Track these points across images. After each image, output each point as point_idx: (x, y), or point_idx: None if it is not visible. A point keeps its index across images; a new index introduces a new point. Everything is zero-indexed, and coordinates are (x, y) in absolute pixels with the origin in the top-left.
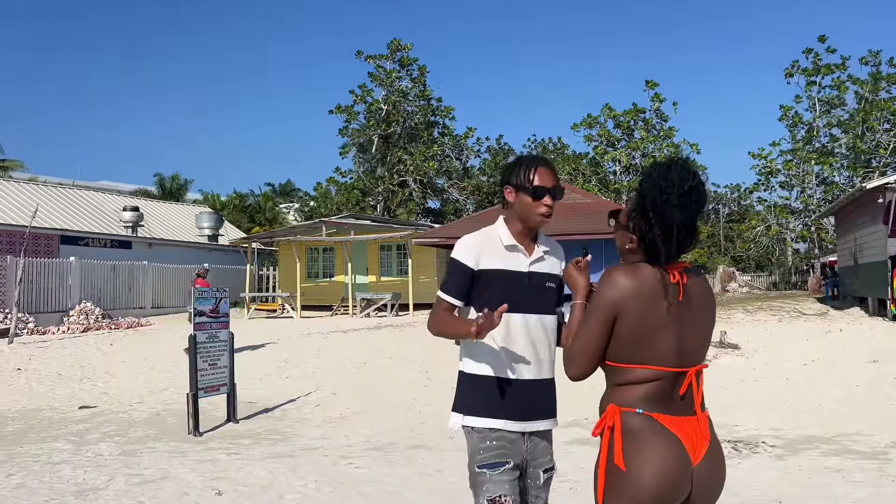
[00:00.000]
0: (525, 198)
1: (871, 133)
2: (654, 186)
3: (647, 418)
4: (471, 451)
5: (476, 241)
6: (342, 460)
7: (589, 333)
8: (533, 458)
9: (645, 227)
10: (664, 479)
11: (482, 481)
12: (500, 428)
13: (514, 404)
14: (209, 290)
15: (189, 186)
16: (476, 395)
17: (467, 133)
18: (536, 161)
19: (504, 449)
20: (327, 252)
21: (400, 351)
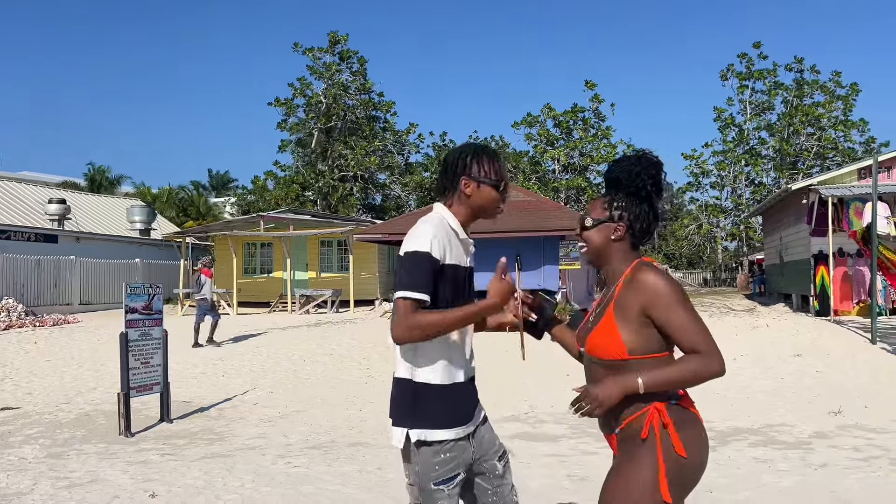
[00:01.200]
0: (489, 190)
1: (797, 136)
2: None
3: (681, 408)
4: (423, 469)
5: (440, 232)
6: (281, 459)
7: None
8: (482, 453)
9: (635, 209)
10: (706, 461)
11: (437, 498)
12: (453, 438)
13: (463, 409)
14: (142, 285)
15: (122, 181)
16: (427, 404)
17: (409, 129)
18: (495, 153)
19: (457, 460)
20: (265, 247)
21: (340, 348)
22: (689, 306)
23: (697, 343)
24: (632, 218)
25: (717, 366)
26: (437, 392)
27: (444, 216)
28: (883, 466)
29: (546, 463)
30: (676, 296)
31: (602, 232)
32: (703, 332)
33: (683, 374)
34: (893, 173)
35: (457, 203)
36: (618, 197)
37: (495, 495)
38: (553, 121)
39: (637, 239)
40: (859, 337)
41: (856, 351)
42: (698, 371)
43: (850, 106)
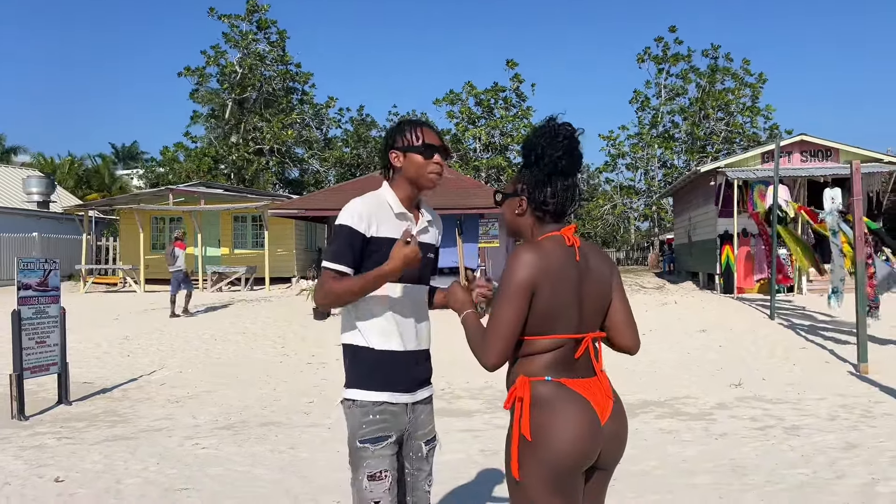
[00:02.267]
0: (415, 157)
1: (707, 121)
2: (540, 137)
3: (557, 384)
4: (351, 427)
5: (367, 205)
6: (188, 441)
7: (506, 320)
8: (414, 429)
9: (533, 184)
10: (579, 442)
11: (363, 457)
12: (385, 401)
13: (398, 376)
14: (36, 260)
15: (19, 151)
16: (359, 367)
17: (328, 103)
18: (421, 122)
19: (387, 423)
20: (175, 222)
21: (254, 326)
22: (512, 301)
23: (487, 333)
24: (531, 191)
25: (482, 359)
26: (371, 355)
27: (381, 192)
28: (777, 435)
29: (460, 438)
30: (505, 287)
31: (509, 206)
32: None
33: (471, 338)
34: (794, 158)
35: (394, 178)
36: (522, 171)
37: (410, 476)
38: (474, 99)
39: (548, 213)
40: (759, 313)
41: (756, 326)
42: (475, 349)
43: (757, 93)
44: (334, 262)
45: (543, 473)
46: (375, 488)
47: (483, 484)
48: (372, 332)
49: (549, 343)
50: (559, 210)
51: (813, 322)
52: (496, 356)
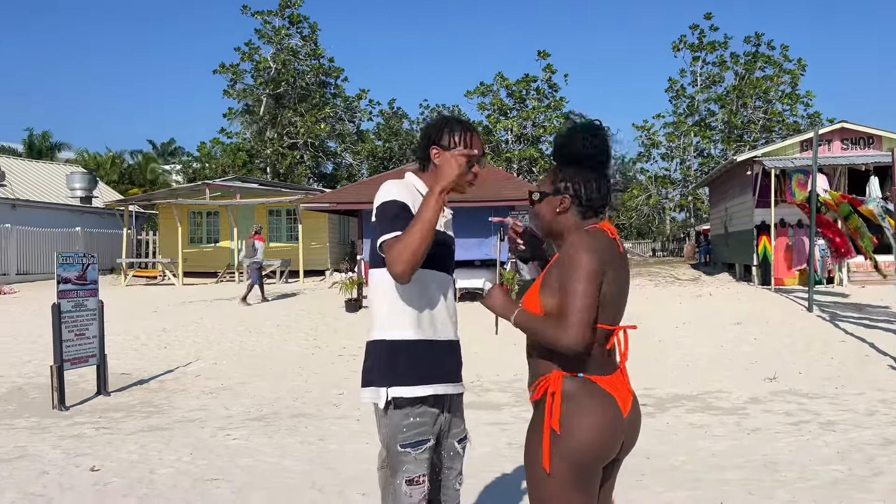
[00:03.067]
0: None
1: (745, 109)
2: (578, 134)
3: (587, 381)
4: (391, 430)
5: (402, 187)
6: (220, 432)
7: (587, 303)
8: (448, 428)
9: (577, 182)
10: (605, 438)
11: (404, 461)
12: (429, 395)
13: (439, 367)
14: (75, 254)
15: (63, 147)
16: (400, 363)
17: (360, 95)
18: (469, 127)
19: (426, 426)
20: (211, 216)
21: (287, 319)
22: (576, 279)
23: (567, 314)
24: (576, 189)
25: (564, 339)
26: (408, 349)
27: (410, 180)
28: (812, 430)
29: (488, 431)
30: (570, 265)
31: (549, 205)
32: (573, 306)
33: (539, 330)
34: (834, 146)
35: (428, 172)
36: (562, 169)
37: (442, 474)
38: (506, 90)
39: (589, 210)
40: (797, 305)
41: (793, 319)
42: (548, 334)
43: (797, 80)
44: (394, 232)
45: (568, 468)
46: (414, 493)
47: (511, 478)
48: (412, 324)
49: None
50: (602, 205)
51: (852, 315)
52: (581, 334)
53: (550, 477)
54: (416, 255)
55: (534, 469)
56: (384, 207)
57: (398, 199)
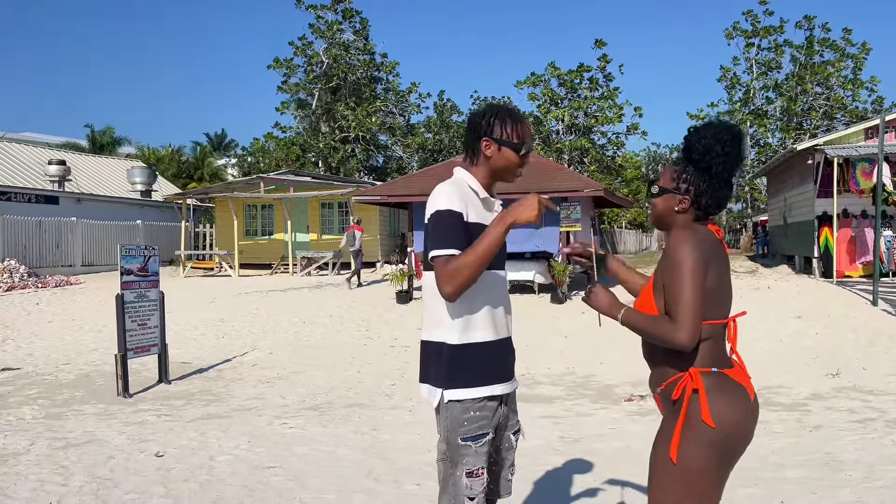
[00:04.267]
0: (510, 153)
1: (805, 96)
2: (719, 144)
3: (721, 375)
4: (452, 424)
5: (459, 191)
6: (276, 420)
7: (697, 298)
8: (506, 421)
9: (702, 188)
10: (744, 429)
11: (464, 454)
12: (487, 395)
13: (498, 366)
14: (137, 247)
15: (123, 142)
16: (462, 364)
17: (410, 88)
18: (520, 116)
19: (486, 419)
20: (266, 209)
21: (340, 310)
22: (689, 280)
23: (674, 309)
24: (698, 193)
25: (678, 337)
26: (471, 351)
27: (462, 177)
28: (878, 428)
29: (540, 424)
30: (682, 265)
31: (667, 201)
32: (685, 304)
33: (651, 330)
34: None
35: (477, 164)
36: (688, 170)
37: (496, 465)
38: (557, 80)
39: (702, 212)
40: (861, 298)
41: (857, 312)
42: (663, 333)
43: (860, 64)
44: (447, 248)
45: (716, 461)
46: (473, 485)
47: (561, 471)
48: (466, 325)
49: (710, 330)
50: (717, 212)
51: None
52: (693, 331)
53: (694, 472)
54: (468, 281)
55: (674, 467)
56: (438, 217)
57: (453, 208)
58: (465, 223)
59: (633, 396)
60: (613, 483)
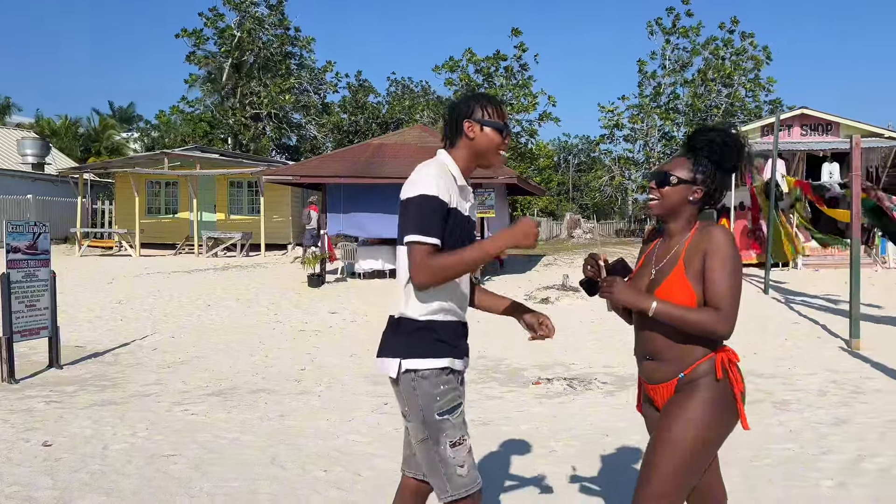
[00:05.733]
0: (493, 134)
1: (709, 94)
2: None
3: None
4: (426, 401)
5: (441, 175)
6: (177, 406)
7: (739, 296)
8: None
9: (716, 182)
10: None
11: (443, 428)
12: (449, 366)
13: (459, 345)
14: (25, 223)
15: (13, 110)
16: (428, 339)
17: (326, 67)
18: (499, 101)
19: (456, 391)
20: (170, 187)
21: (248, 293)
22: (737, 274)
23: (722, 302)
24: (712, 185)
25: (724, 327)
26: (437, 328)
27: (444, 161)
28: (766, 410)
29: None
30: (732, 260)
31: (681, 192)
32: (733, 298)
33: (693, 320)
34: (794, 131)
35: (458, 147)
36: (704, 162)
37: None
38: (474, 66)
39: (706, 204)
40: (754, 287)
41: (749, 300)
42: (707, 323)
43: (760, 66)
44: (428, 236)
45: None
46: (458, 453)
47: None
48: (434, 305)
49: None
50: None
51: (806, 297)
52: (734, 321)
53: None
54: (447, 281)
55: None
56: (424, 201)
57: (440, 195)
58: (448, 210)
59: (541, 380)
60: (521, 465)
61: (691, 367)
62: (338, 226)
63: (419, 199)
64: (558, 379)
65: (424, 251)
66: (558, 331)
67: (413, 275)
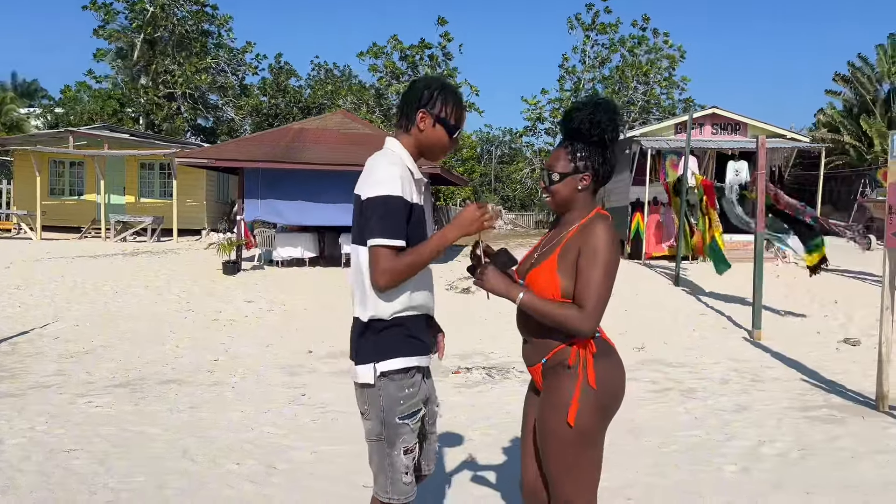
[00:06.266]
0: (441, 133)
1: (626, 90)
2: (601, 113)
3: (604, 340)
4: (389, 403)
5: (402, 171)
6: (80, 399)
7: (607, 295)
8: (430, 395)
9: (600, 161)
10: (623, 389)
11: (401, 433)
12: (416, 365)
13: (426, 340)
14: None
15: None
16: (399, 336)
17: (245, 48)
18: (462, 100)
19: (418, 396)
20: (76, 167)
21: (158, 280)
22: (610, 272)
23: (588, 301)
24: (595, 167)
25: (585, 326)
26: (402, 325)
27: (398, 152)
28: (674, 398)
29: None
30: (606, 259)
31: (569, 184)
32: (599, 298)
33: (556, 315)
34: (706, 130)
35: (407, 135)
36: (579, 147)
37: (425, 439)
38: (399, 54)
39: (598, 185)
40: (665, 279)
41: (660, 292)
42: (569, 320)
43: (674, 65)
44: (393, 239)
45: (602, 420)
46: (408, 461)
47: None
48: (397, 302)
49: None
50: (608, 181)
51: (713, 289)
52: (598, 321)
53: (588, 431)
54: (402, 280)
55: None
56: (386, 202)
57: (403, 195)
58: (410, 207)
59: (461, 369)
60: (438, 454)
61: (552, 352)
62: (255, 212)
63: (384, 200)
64: (477, 368)
65: (390, 255)
66: (478, 321)
67: (376, 278)
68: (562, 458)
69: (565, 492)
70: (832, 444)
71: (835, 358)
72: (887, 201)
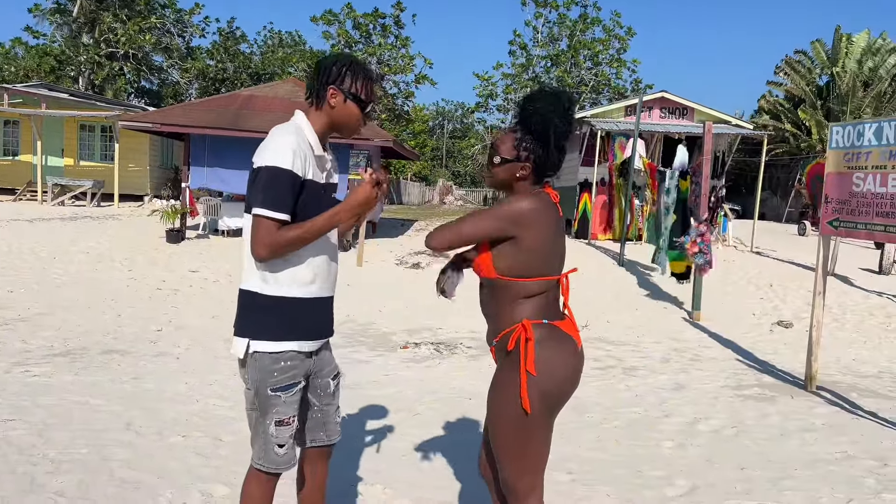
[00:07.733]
0: (353, 108)
1: (577, 69)
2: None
3: (552, 326)
4: (261, 374)
5: (299, 145)
6: (17, 367)
7: (475, 227)
8: (319, 368)
9: (541, 154)
10: (572, 375)
11: (274, 404)
12: (293, 350)
13: (312, 324)
14: None
15: None
16: (273, 317)
17: (193, 9)
18: (372, 75)
19: (296, 369)
20: (10, 126)
21: (99, 246)
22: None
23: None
24: (537, 160)
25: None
26: (283, 305)
27: (301, 126)
28: (616, 375)
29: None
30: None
31: (509, 170)
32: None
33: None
34: (654, 113)
35: (318, 112)
36: (527, 139)
37: (321, 412)
38: (353, 22)
39: (539, 177)
40: (610, 259)
41: (605, 272)
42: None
43: (625, 46)
44: (276, 211)
45: (545, 406)
46: (281, 433)
47: None
48: (291, 279)
49: (539, 285)
50: (551, 176)
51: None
52: (441, 243)
53: (529, 417)
54: (282, 254)
55: (510, 412)
56: (275, 174)
57: (294, 169)
58: (300, 183)
59: (409, 344)
60: (386, 428)
61: (500, 335)
62: (201, 179)
63: (271, 171)
64: (425, 343)
65: (271, 226)
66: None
67: (255, 248)
68: (504, 441)
69: (507, 473)
70: (763, 422)
71: (768, 339)
72: (823, 190)
